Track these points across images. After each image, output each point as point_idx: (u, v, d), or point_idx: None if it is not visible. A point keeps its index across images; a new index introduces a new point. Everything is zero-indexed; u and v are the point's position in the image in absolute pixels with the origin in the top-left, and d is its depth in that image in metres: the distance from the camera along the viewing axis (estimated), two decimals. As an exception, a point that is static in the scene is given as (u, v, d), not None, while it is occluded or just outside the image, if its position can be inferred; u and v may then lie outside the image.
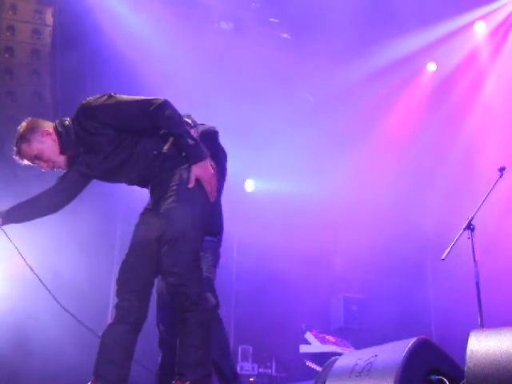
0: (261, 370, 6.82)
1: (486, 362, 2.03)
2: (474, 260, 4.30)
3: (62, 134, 2.93)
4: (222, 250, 3.74)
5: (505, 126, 7.01)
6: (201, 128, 3.46)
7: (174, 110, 2.87)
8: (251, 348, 6.88)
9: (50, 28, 5.85)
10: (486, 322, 4.07)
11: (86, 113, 2.89)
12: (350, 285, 7.51)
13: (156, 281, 3.20)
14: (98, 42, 6.14)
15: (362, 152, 7.48)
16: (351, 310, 7.12)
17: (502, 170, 4.52)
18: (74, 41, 6.06)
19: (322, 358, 4.99)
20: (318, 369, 5.36)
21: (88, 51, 6.20)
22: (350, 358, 2.77)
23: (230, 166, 3.76)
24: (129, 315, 2.82)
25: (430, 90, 7.82)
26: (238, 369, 6.72)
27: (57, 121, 3.00)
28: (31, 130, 2.94)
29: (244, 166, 7.11)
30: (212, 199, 2.91)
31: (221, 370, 3.45)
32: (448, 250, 4.24)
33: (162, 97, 2.89)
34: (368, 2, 6.59)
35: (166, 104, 2.86)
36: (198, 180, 2.82)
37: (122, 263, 2.92)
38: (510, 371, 1.97)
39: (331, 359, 3.00)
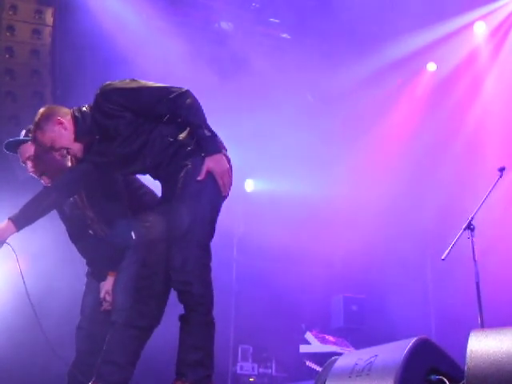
0: (261, 370, 6.82)
1: (486, 362, 2.03)
2: (474, 260, 4.30)
3: (78, 120, 2.91)
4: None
5: (505, 126, 7.00)
6: None
7: (195, 100, 2.84)
8: (251, 348, 6.88)
9: (50, 28, 5.84)
10: (486, 322, 4.07)
11: (106, 94, 2.85)
12: (350, 285, 7.51)
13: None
14: (98, 42, 6.14)
15: (361, 152, 7.48)
16: (351, 309, 7.12)
17: (501, 170, 4.52)
18: (74, 41, 6.07)
19: (322, 358, 4.99)
20: (318, 369, 5.36)
21: (88, 51, 6.20)
22: (350, 357, 2.77)
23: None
24: (141, 319, 2.78)
25: (429, 90, 7.82)
26: (238, 369, 6.72)
27: (74, 107, 2.99)
28: (46, 118, 2.93)
29: (244, 166, 7.10)
30: (224, 193, 2.85)
31: None
32: (448, 250, 4.24)
33: None
34: (368, 3, 6.59)
35: (187, 93, 2.84)
36: (210, 173, 2.76)
37: (145, 266, 2.84)
38: (510, 371, 1.97)
39: (331, 359, 3.00)
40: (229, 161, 2.87)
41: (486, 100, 7.30)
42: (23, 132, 3.32)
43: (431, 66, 7.73)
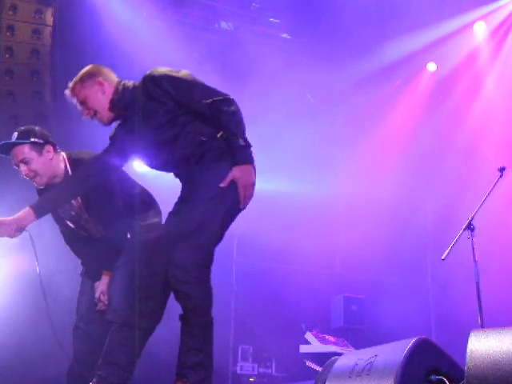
0: (261, 370, 6.82)
1: (487, 362, 2.03)
2: (474, 260, 4.30)
3: (118, 91, 2.95)
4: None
5: (505, 126, 7.00)
6: None
7: (238, 109, 2.86)
8: (251, 348, 6.88)
9: (50, 28, 5.84)
10: (487, 322, 4.07)
11: (156, 78, 2.88)
12: (350, 285, 7.51)
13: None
14: (97, 42, 6.14)
15: (361, 152, 7.47)
16: (351, 309, 7.12)
17: (502, 170, 4.52)
18: (74, 41, 6.06)
19: (322, 358, 4.99)
20: (318, 369, 5.36)
21: (88, 51, 6.20)
22: (350, 358, 2.77)
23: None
24: (141, 320, 2.75)
25: (429, 90, 7.82)
26: (238, 369, 6.72)
27: (123, 80, 3.04)
28: (90, 74, 2.99)
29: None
30: (243, 206, 2.83)
31: None
32: (448, 250, 4.25)
33: None
34: (368, 2, 6.59)
35: (232, 101, 2.88)
36: (233, 182, 2.75)
37: (145, 266, 2.80)
38: (510, 371, 1.97)
39: (331, 359, 3.00)
40: (255, 174, 2.87)
41: (486, 100, 7.30)
42: (15, 134, 3.24)
43: (431, 66, 7.73)
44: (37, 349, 5.53)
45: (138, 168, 6.94)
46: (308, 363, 5.80)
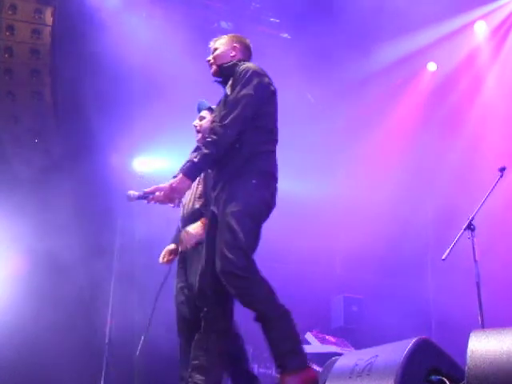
0: (261, 370, 6.81)
1: (487, 362, 2.02)
2: (475, 260, 4.29)
3: (238, 65, 3.13)
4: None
5: (505, 126, 7.00)
6: None
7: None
8: (251, 348, 6.86)
9: (50, 28, 5.83)
10: (487, 322, 4.06)
11: (251, 75, 3.02)
12: (350, 285, 7.50)
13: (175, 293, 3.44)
14: (97, 42, 6.13)
15: (361, 152, 7.47)
16: (351, 309, 7.11)
17: (502, 170, 4.50)
18: (74, 40, 6.06)
19: (322, 359, 4.98)
20: (318, 369, 5.35)
21: (88, 51, 6.20)
22: (350, 358, 2.76)
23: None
24: (218, 322, 2.91)
25: (430, 90, 7.81)
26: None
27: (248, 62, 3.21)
28: (233, 37, 3.35)
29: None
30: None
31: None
32: (448, 250, 4.23)
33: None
34: (368, 2, 6.59)
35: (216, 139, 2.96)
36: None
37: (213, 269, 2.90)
38: (510, 371, 1.97)
39: (331, 359, 3.00)
40: None
41: (486, 100, 7.30)
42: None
43: (431, 66, 7.73)
44: (37, 349, 5.54)
45: (138, 168, 6.95)
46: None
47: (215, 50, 3.26)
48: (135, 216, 6.31)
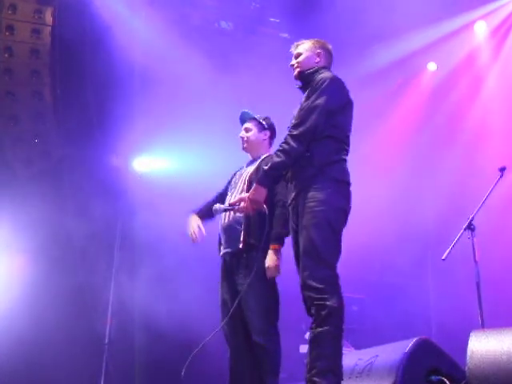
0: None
1: (487, 362, 2.02)
2: (475, 260, 4.28)
3: (319, 70, 3.23)
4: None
5: (505, 126, 6.99)
6: None
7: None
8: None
9: (50, 28, 5.84)
10: (487, 323, 4.06)
11: (329, 84, 3.13)
12: (350, 285, 7.48)
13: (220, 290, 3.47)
14: (97, 42, 6.13)
15: (361, 151, 7.45)
16: (351, 309, 7.10)
17: (502, 169, 4.50)
18: (74, 40, 6.06)
19: (322, 359, 4.98)
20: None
21: (88, 50, 6.20)
22: (350, 358, 2.76)
23: (230, 166, 3.74)
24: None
25: (430, 90, 7.81)
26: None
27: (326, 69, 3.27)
28: (317, 42, 3.44)
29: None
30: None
31: None
32: (448, 250, 4.23)
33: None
34: (368, 2, 6.58)
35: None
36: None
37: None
38: (510, 371, 1.97)
39: (331, 359, 2.98)
40: None
41: (486, 100, 7.29)
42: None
43: (431, 66, 7.72)
44: (37, 349, 5.54)
45: (138, 168, 6.95)
46: (308, 363, 5.78)
47: (299, 54, 3.37)
48: (135, 216, 6.31)
